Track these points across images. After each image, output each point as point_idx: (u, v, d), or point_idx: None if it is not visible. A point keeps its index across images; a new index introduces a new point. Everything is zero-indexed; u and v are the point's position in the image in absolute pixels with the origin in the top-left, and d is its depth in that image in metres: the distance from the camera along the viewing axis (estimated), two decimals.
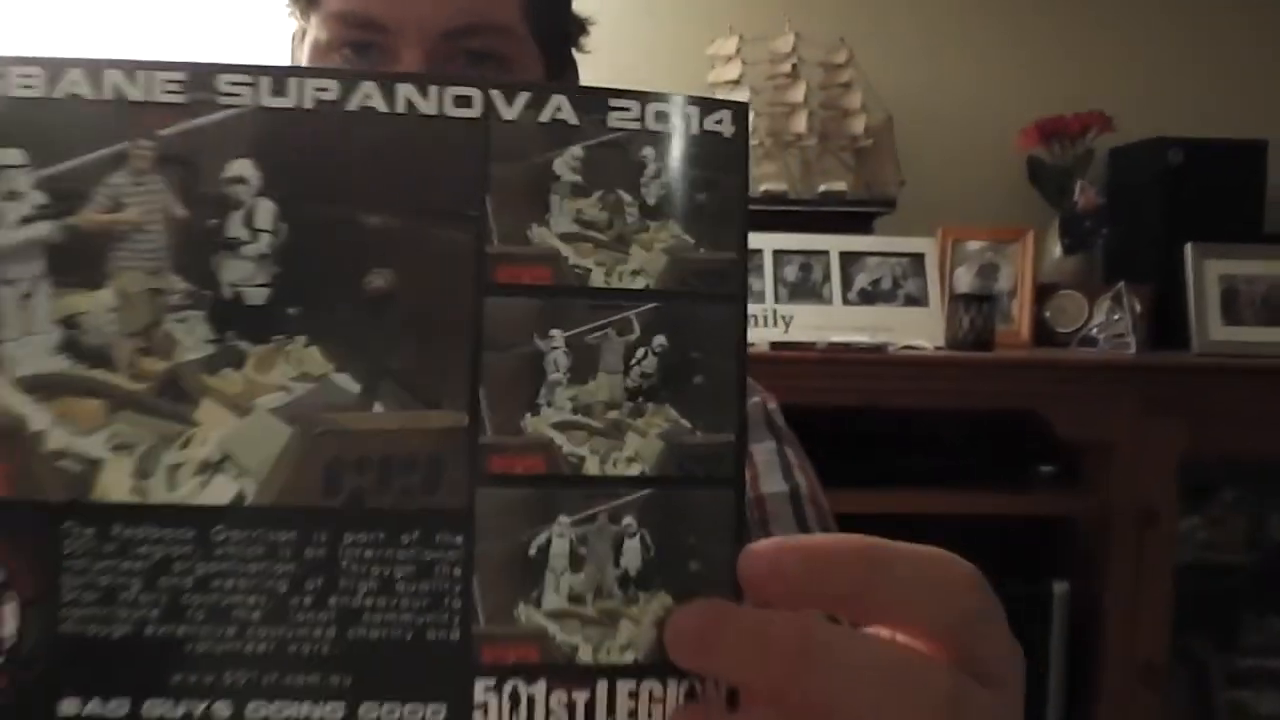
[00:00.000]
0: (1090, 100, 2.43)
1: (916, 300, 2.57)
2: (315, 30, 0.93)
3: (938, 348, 2.42)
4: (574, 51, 1.06)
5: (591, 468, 0.45)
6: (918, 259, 2.59)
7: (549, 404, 0.45)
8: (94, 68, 0.43)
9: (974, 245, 2.66)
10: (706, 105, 0.46)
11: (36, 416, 0.43)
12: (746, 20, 2.72)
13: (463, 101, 0.44)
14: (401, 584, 0.44)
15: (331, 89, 0.44)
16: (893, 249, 2.58)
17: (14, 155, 0.43)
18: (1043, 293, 2.63)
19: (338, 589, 0.43)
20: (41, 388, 0.43)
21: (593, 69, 1.08)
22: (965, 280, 2.63)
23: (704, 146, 0.46)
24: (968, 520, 2.44)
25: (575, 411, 0.45)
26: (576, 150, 0.45)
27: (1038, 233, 2.64)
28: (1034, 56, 2.82)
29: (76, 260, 0.44)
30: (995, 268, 2.65)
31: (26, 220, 0.43)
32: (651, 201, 0.45)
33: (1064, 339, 2.59)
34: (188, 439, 0.43)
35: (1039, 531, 2.49)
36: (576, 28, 1.06)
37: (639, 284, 0.45)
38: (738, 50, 2.69)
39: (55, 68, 0.43)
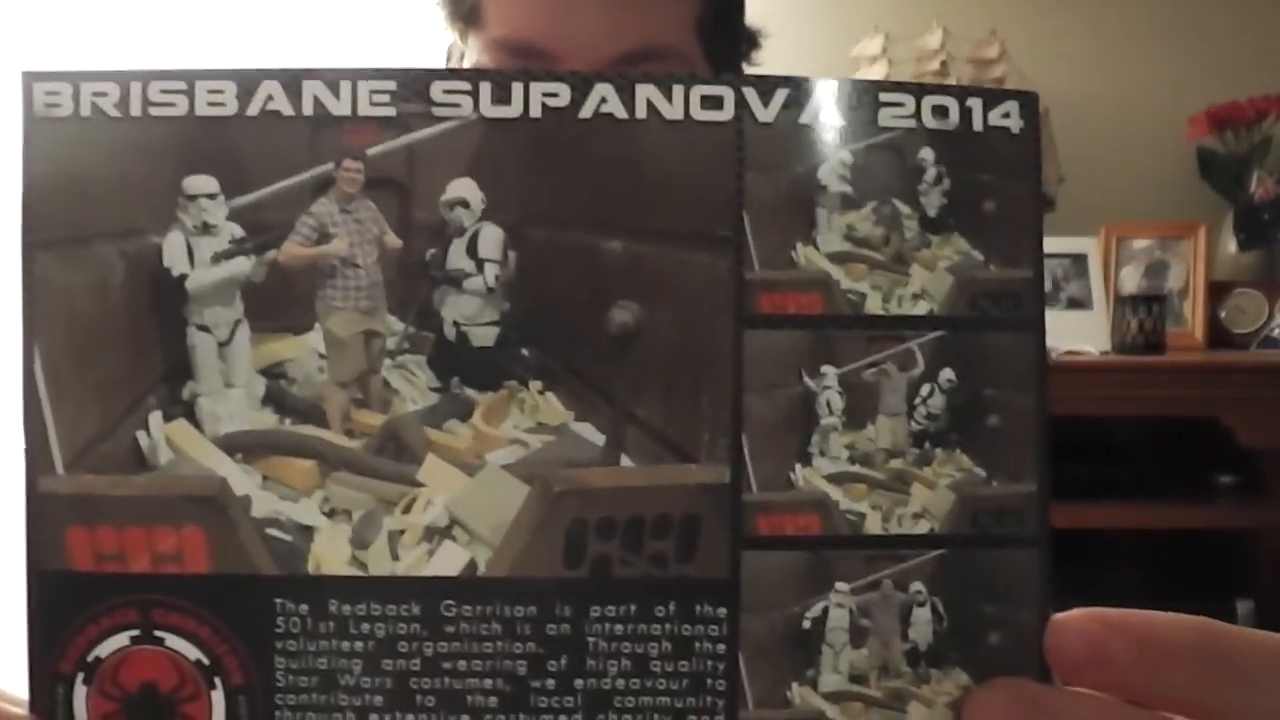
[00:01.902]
0: (1266, 83, 2.28)
1: (1080, 303, 2.46)
2: (475, 54, 0.88)
3: (1103, 353, 2.31)
4: (745, 65, 0.99)
5: (873, 526, 0.39)
6: (1080, 260, 2.48)
7: (822, 453, 0.39)
8: (291, 80, 0.38)
9: (1140, 243, 2.54)
10: (990, 97, 0.39)
11: (241, 480, 0.38)
12: (892, 18, 2.64)
13: (712, 102, 0.38)
14: (657, 664, 0.38)
15: (562, 94, 0.38)
16: (1053, 249, 2.46)
17: (206, 184, 0.38)
18: (1217, 291, 2.49)
19: (584, 670, 0.38)
20: (245, 447, 0.39)
21: None
22: (1132, 280, 2.51)
23: (990, 145, 0.39)
24: (1143, 535, 2.33)
25: (853, 461, 0.39)
26: (844, 155, 0.39)
27: (1210, 227, 2.50)
28: (1201, 39, 2.68)
29: (279, 301, 0.39)
30: (1164, 266, 2.52)
31: (222, 256, 0.38)
32: (933, 213, 0.39)
33: (1243, 340, 2.45)
34: (410, 502, 0.38)
35: (1221, 545, 2.36)
36: (748, 42, 0.98)
37: (921, 309, 0.39)
38: (883, 50, 2.61)
39: (247, 81, 0.38)
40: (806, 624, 0.39)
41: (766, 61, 0.99)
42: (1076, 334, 2.35)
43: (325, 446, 0.38)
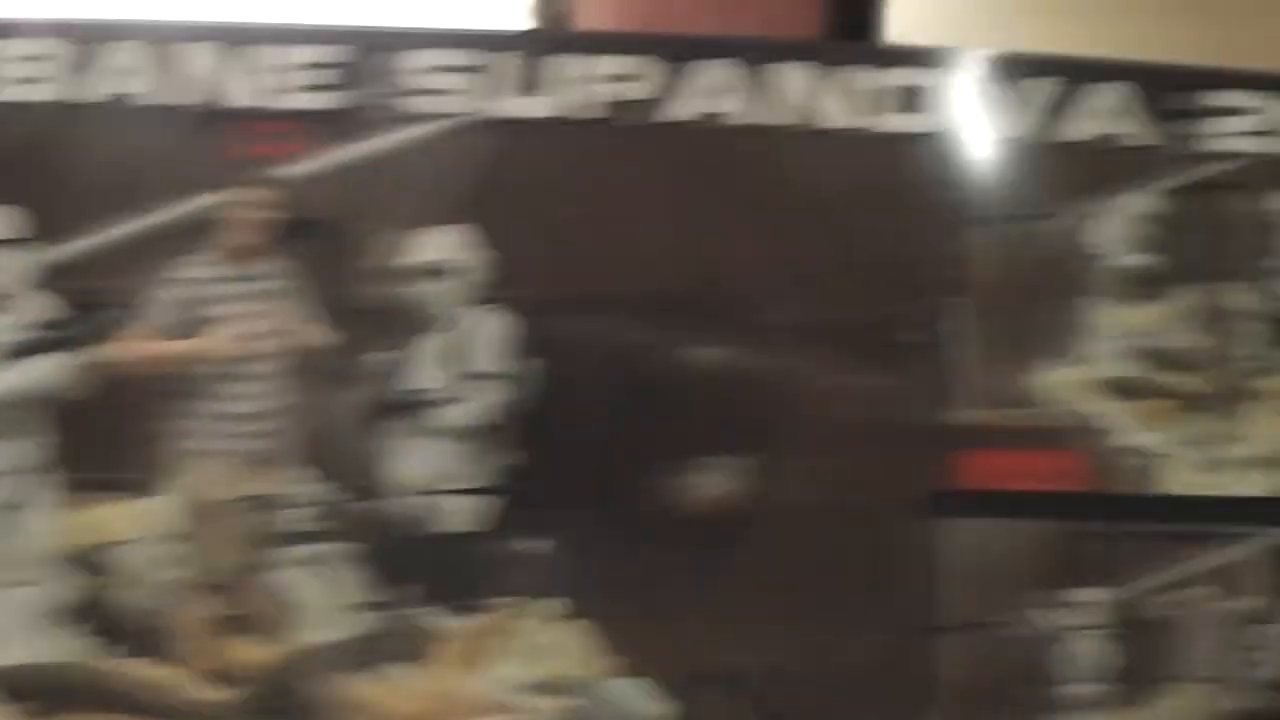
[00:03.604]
0: None
1: None
2: None
3: None
4: None
5: None
6: None
7: None
8: (158, 37, 0.22)
9: None
10: None
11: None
12: None
13: None
14: None
15: (647, 76, 0.22)
16: None
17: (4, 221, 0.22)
18: None
19: None
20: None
21: None
22: None
23: None
24: None
25: None
26: (1137, 201, 0.23)
27: None
28: None
29: (109, 437, 0.23)
30: None
31: (20, 351, 0.22)
32: None
33: None
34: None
35: None
36: None
37: (1254, 487, 0.25)
38: None
39: (85, 38, 0.22)
40: None
41: None
42: None
43: (169, 703, 0.22)
